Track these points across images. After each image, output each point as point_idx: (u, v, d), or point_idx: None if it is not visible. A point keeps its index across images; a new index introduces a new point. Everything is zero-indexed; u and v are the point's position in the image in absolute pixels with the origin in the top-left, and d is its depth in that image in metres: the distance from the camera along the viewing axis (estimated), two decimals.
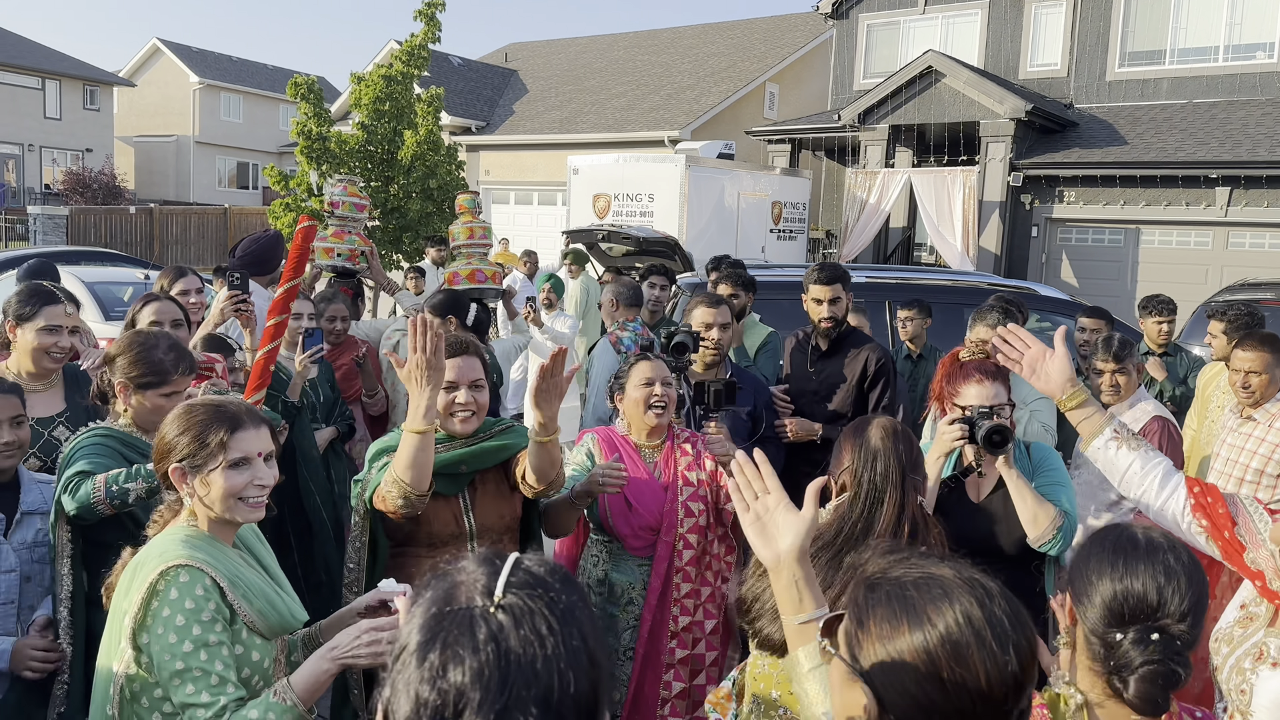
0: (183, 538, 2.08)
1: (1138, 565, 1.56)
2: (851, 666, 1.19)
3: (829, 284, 4.31)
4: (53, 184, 34.30)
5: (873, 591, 1.22)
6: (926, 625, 1.14)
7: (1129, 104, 15.51)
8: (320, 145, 15.22)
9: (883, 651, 1.16)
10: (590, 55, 28.53)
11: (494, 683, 0.91)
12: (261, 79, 43.05)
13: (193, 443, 2.13)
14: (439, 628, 0.95)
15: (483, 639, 0.93)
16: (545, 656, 0.93)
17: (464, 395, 2.90)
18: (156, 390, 2.85)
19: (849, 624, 1.22)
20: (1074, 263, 15.01)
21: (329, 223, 5.66)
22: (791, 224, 15.01)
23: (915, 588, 1.18)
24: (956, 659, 1.12)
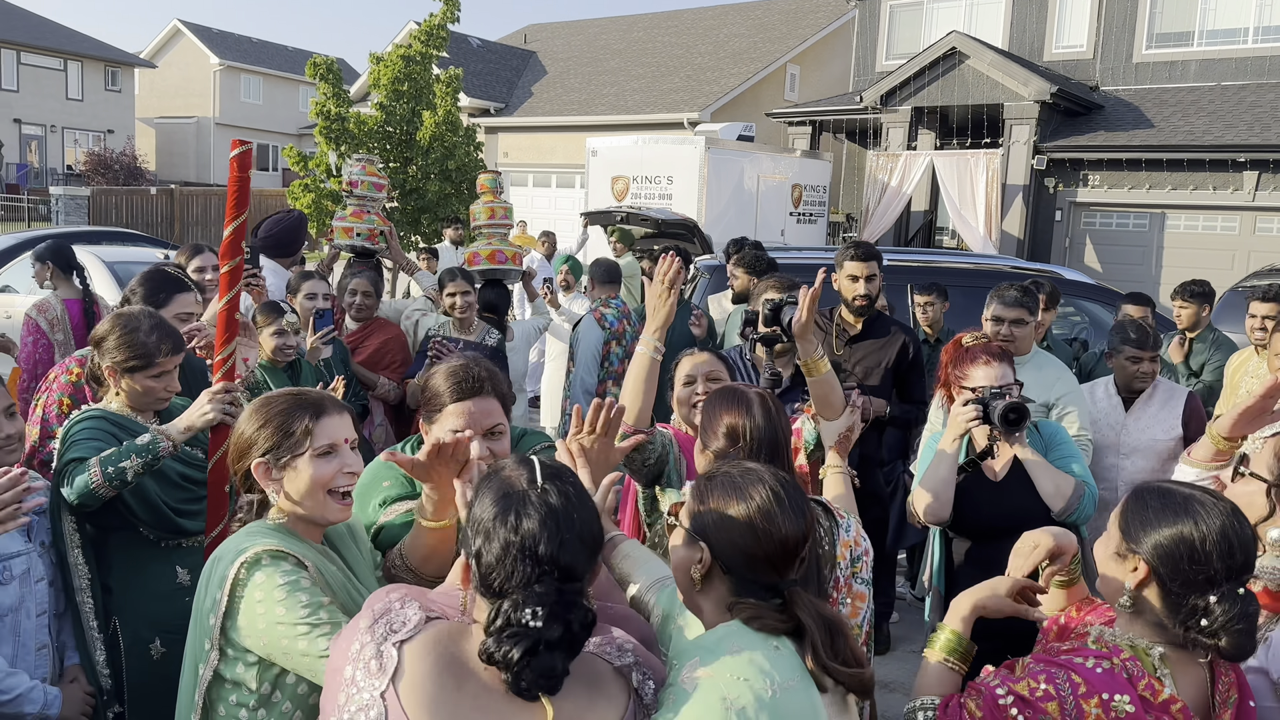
0: (265, 531, 1.98)
1: (1212, 525, 1.69)
2: (691, 530, 1.69)
3: (865, 260, 4.28)
4: (75, 165, 34.52)
5: (710, 480, 1.73)
6: (748, 499, 1.65)
7: (1156, 86, 15.29)
8: (339, 126, 15.21)
9: (717, 517, 1.65)
10: (610, 36, 28.38)
11: (550, 527, 1.45)
12: (281, 60, 43.10)
13: (276, 434, 2.01)
14: (508, 502, 1.48)
15: (537, 504, 1.47)
16: (575, 513, 1.49)
17: (477, 448, 2.20)
18: (144, 373, 2.77)
19: (691, 503, 1.72)
20: (1098, 247, 14.84)
21: (347, 203, 5.66)
22: (811, 207, 14.90)
23: (740, 475, 1.71)
24: (767, 519, 1.62)
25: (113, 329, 2.79)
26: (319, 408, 2.05)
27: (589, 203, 13.07)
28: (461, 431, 2.18)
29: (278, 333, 3.97)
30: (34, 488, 2.41)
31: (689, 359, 3.08)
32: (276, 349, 3.99)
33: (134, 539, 2.74)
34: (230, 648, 1.91)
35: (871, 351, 4.36)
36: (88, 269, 8.78)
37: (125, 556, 2.73)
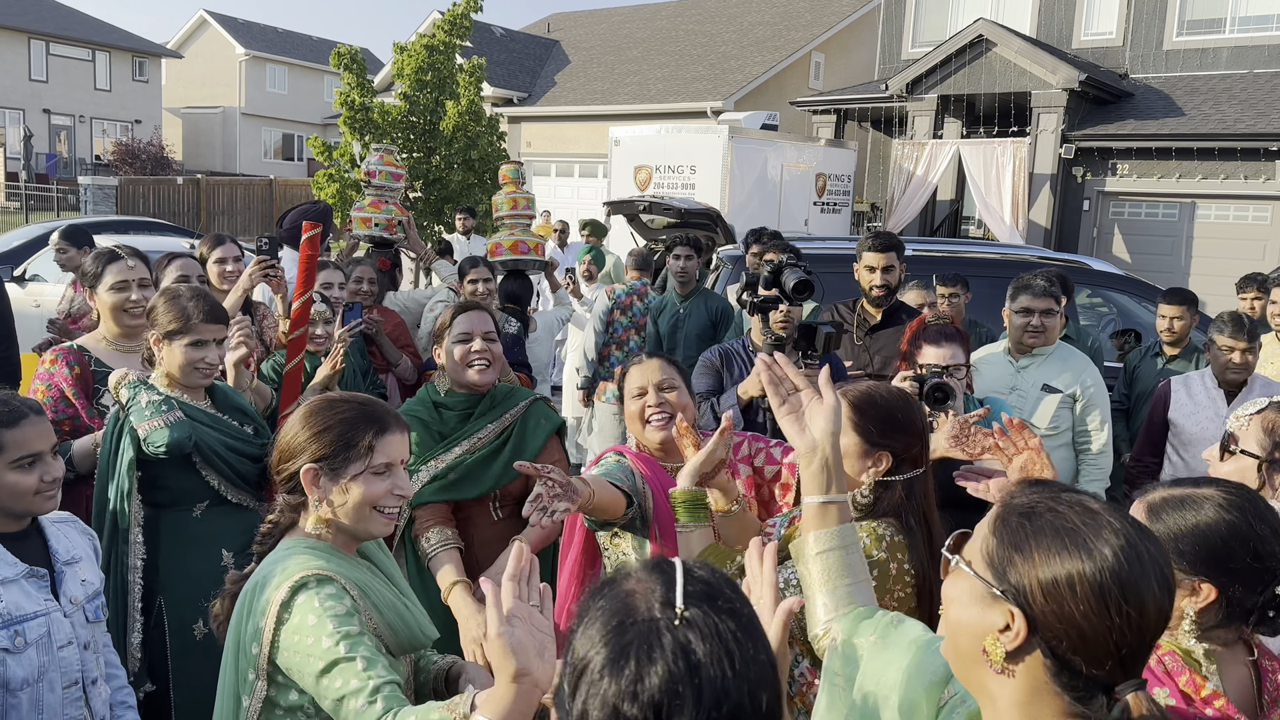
0: (302, 550, 1.90)
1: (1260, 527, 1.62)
2: (994, 586, 1.21)
3: (883, 251, 4.25)
4: (103, 155, 34.85)
5: (1030, 519, 1.22)
6: (1096, 554, 1.16)
7: (1187, 74, 15.05)
8: (363, 116, 15.26)
9: (1045, 575, 1.17)
10: (633, 25, 28.29)
11: (688, 696, 0.93)
12: (306, 50, 43.30)
13: (336, 442, 1.92)
14: (625, 640, 0.97)
15: (671, 652, 0.95)
16: (734, 672, 0.96)
17: (479, 344, 3.03)
18: (183, 339, 2.87)
19: (996, 547, 1.23)
20: (1126, 237, 14.66)
21: (366, 193, 5.66)
22: (836, 196, 14.80)
23: (1077, 517, 1.20)
24: (1124, 591, 1.14)
25: (158, 300, 2.96)
26: (384, 423, 1.97)
27: (611, 192, 13.03)
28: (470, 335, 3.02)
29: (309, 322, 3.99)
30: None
31: (636, 368, 2.79)
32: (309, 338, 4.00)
33: (185, 520, 2.86)
34: (280, 675, 1.83)
35: (890, 341, 4.32)
36: None
37: (174, 538, 2.85)
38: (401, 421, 2.03)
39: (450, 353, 3.06)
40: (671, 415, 2.67)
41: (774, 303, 3.51)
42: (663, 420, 2.68)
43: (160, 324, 2.89)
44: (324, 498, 1.93)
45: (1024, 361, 4.14)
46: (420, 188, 15.59)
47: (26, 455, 2.19)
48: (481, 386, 3.07)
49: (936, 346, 3.22)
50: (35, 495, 2.22)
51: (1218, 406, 4.28)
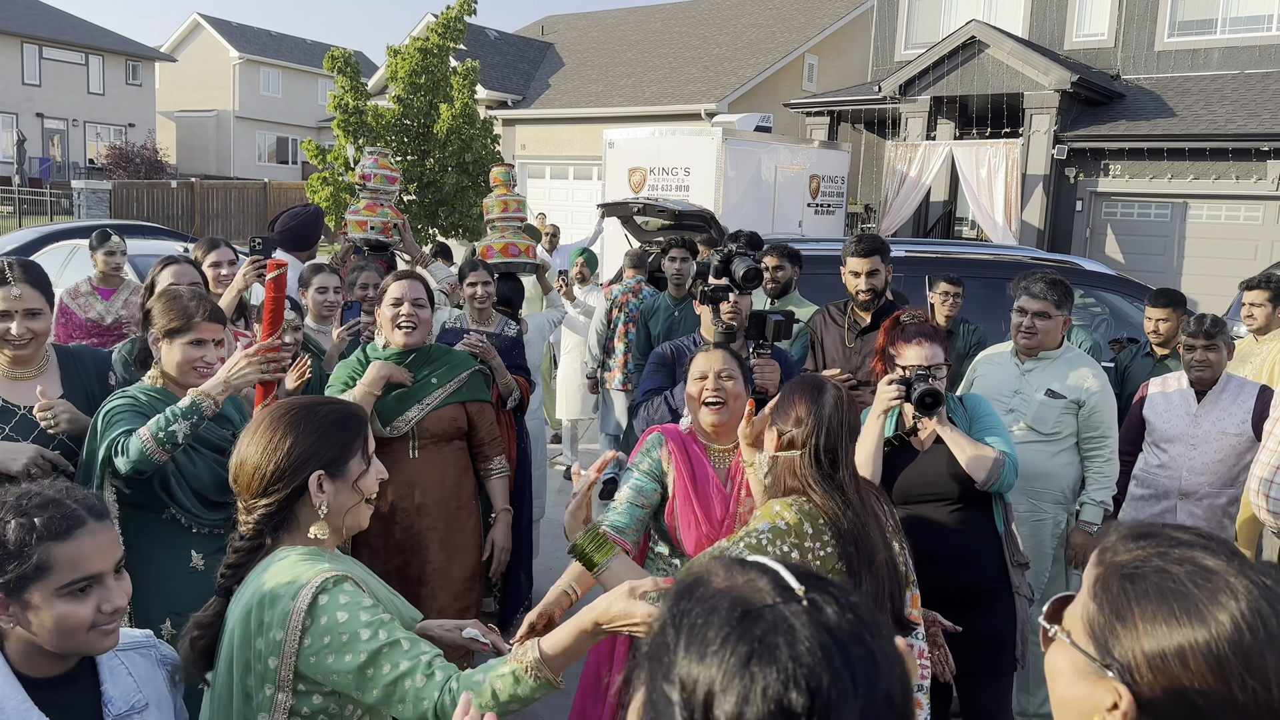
0: (298, 558, 1.85)
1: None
2: (1098, 660, 1.09)
3: (866, 256, 4.26)
4: (96, 159, 34.80)
5: (1133, 582, 1.09)
6: (1212, 622, 1.02)
7: (1178, 75, 15.11)
8: (357, 119, 15.27)
9: (1152, 646, 1.04)
10: (627, 27, 28.32)
11: (844, 673, 0.84)
12: (300, 54, 43.28)
13: (336, 445, 1.90)
14: (758, 632, 0.86)
15: (814, 631, 0.86)
16: (876, 649, 0.87)
17: (407, 309, 3.49)
18: (183, 337, 2.86)
19: (1097, 614, 1.11)
20: (1119, 237, 14.70)
21: (361, 196, 5.67)
22: (830, 198, 14.82)
23: (1190, 579, 1.06)
24: (1248, 664, 1.00)
25: (158, 299, 2.98)
26: (362, 417, 2.00)
27: (606, 194, 13.04)
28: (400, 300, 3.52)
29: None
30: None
31: (702, 355, 3.01)
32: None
33: (158, 521, 2.84)
34: (304, 682, 1.80)
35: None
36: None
37: (148, 538, 2.83)
38: (365, 411, 2.24)
39: (383, 314, 3.55)
40: (726, 401, 2.90)
41: (724, 292, 3.57)
42: (718, 405, 2.90)
43: (159, 323, 2.89)
44: (329, 501, 1.88)
45: (1029, 364, 4.13)
46: (414, 191, 15.59)
47: (80, 579, 1.69)
48: (408, 347, 3.55)
49: (917, 346, 3.18)
50: (90, 631, 1.70)
51: (1188, 405, 4.39)
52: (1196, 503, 4.39)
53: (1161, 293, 5.43)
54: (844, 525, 2.27)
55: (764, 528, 2.29)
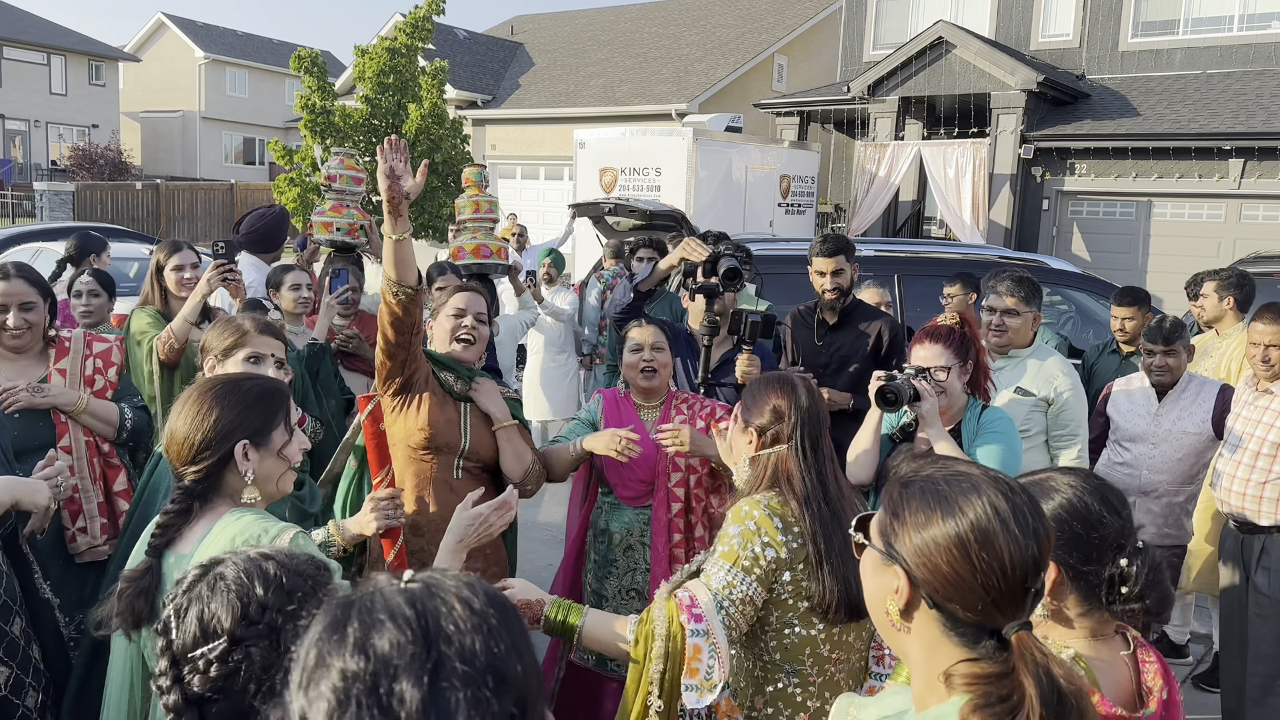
0: (254, 517, 1.97)
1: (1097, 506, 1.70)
2: (885, 553, 1.34)
3: (831, 256, 4.29)
4: (59, 160, 34.28)
5: (907, 487, 1.35)
6: (958, 514, 1.28)
7: (1141, 75, 15.30)
8: (325, 119, 15.15)
9: (918, 539, 1.30)
10: (596, 27, 28.29)
11: (419, 642, 0.88)
12: (267, 54, 42.85)
13: (262, 415, 2.03)
14: (347, 611, 0.92)
15: (397, 604, 0.90)
16: (467, 623, 0.91)
17: (470, 321, 3.29)
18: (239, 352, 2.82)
19: (883, 517, 1.36)
20: (1085, 236, 14.87)
21: (327, 197, 5.61)
22: (800, 197, 14.88)
23: (946, 483, 1.32)
24: (984, 543, 1.26)
25: (213, 326, 2.97)
26: (284, 390, 2.13)
27: (577, 195, 13.02)
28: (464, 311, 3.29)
29: None
30: None
31: (637, 329, 3.52)
32: None
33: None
34: None
35: (848, 340, 4.39)
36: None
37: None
38: (285, 385, 2.22)
39: (441, 326, 3.34)
40: (657, 369, 3.49)
41: (712, 289, 3.86)
42: (650, 373, 3.49)
43: (214, 346, 2.84)
44: (255, 469, 2.01)
45: (1000, 363, 4.15)
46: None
47: None
48: (465, 362, 3.31)
49: (920, 346, 3.28)
50: None
51: (1149, 405, 4.47)
52: (1155, 500, 4.44)
53: (1127, 291, 5.49)
54: (817, 510, 2.34)
55: (734, 532, 2.34)
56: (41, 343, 3.40)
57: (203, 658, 1.41)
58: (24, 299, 3.30)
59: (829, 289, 4.33)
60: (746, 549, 2.30)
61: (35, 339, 3.36)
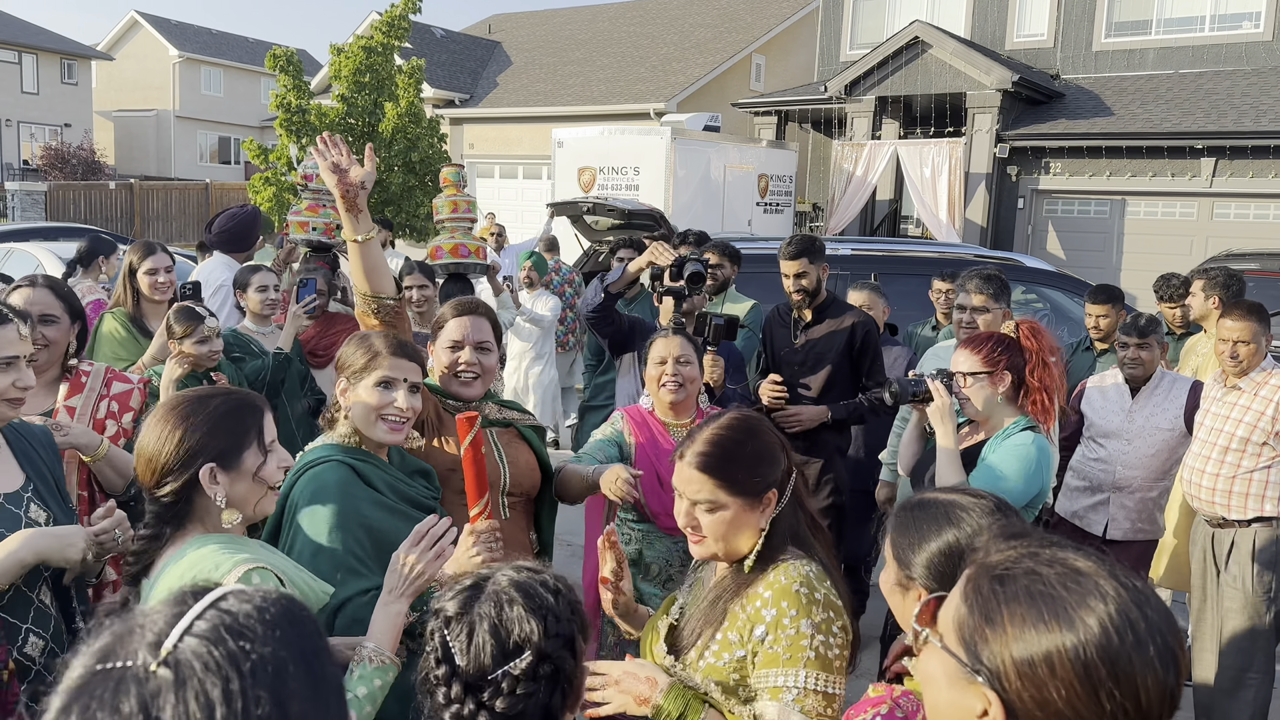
0: (215, 546, 1.83)
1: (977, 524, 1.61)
2: (968, 665, 1.06)
3: (794, 259, 4.37)
4: (31, 159, 33.88)
5: (1003, 584, 1.06)
6: (1080, 627, 1.00)
7: (1115, 75, 15.45)
8: (300, 118, 15.06)
9: (1020, 654, 1.01)
10: (574, 26, 28.26)
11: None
12: (242, 52, 42.52)
13: (228, 436, 1.87)
14: (82, 693, 0.73)
15: (128, 710, 0.71)
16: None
17: (468, 355, 2.80)
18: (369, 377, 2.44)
19: (967, 617, 1.07)
20: (1060, 234, 15.01)
21: (303, 197, 5.57)
22: (778, 196, 14.93)
23: (1060, 583, 1.04)
24: (1115, 670, 0.98)
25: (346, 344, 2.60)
26: (258, 406, 1.96)
27: (555, 194, 13.01)
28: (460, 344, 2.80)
29: (201, 340, 3.68)
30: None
31: (661, 340, 3.25)
32: (204, 356, 3.71)
33: None
34: None
35: (823, 337, 4.47)
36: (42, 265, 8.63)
37: None
38: (264, 400, 2.02)
39: (438, 358, 2.88)
40: (683, 383, 3.18)
41: (677, 292, 3.89)
42: (675, 387, 3.18)
43: (350, 365, 2.47)
44: (226, 493, 1.88)
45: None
46: None
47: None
48: (466, 400, 2.87)
49: (957, 350, 3.20)
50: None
51: (1123, 401, 4.52)
52: (1129, 495, 4.49)
53: (1101, 289, 5.55)
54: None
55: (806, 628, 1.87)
56: (58, 369, 3.01)
57: (506, 676, 1.35)
58: (46, 310, 2.93)
59: (794, 290, 4.43)
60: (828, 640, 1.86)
61: (51, 361, 2.98)
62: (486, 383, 2.88)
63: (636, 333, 4.18)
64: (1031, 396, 3.09)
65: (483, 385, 2.86)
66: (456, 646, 1.37)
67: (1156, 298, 5.99)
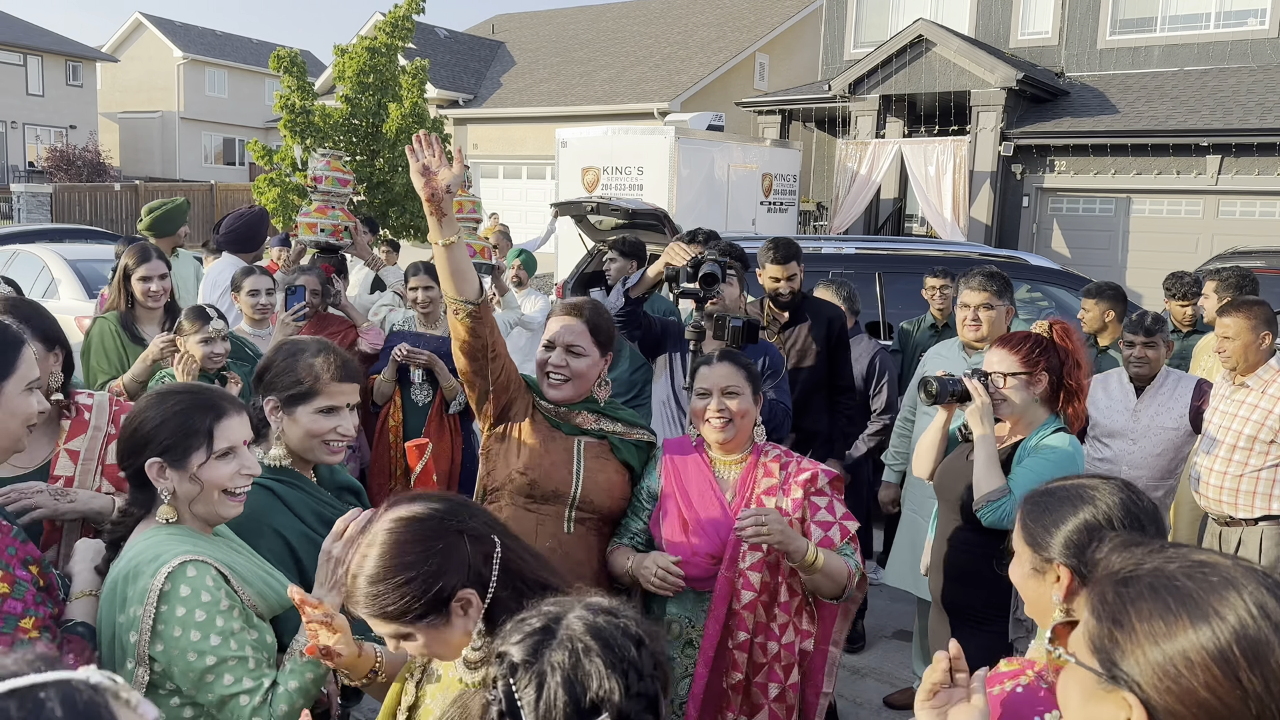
0: (166, 536, 1.90)
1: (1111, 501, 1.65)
2: (1107, 674, 1.03)
3: (783, 264, 4.45)
4: (36, 161, 33.97)
5: (1128, 585, 1.03)
6: (1214, 619, 0.97)
7: (1120, 72, 15.42)
8: (304, 119, 15.08)
9: (1157, 654, 0.98)
10: (578, 26, 28.26)
11: None
12: (247, 53, 42.58)
13: (174, 434, 1.92)
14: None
15: None
16: None
17: (557, 356, 2.78)
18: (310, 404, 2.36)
19: (1097, 626, 1.05)
20: (1065, 232, 14.98)
21: (312, 198, 5.59)
22: (782, 196, 14.92)
23: (1188, 576, 1.01)
24: (1255, 658, 0.95)
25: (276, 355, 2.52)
26: (219, 409, 1.97)
27: (559, 194, 13.01)
28: (552, 344, 2.78)
29: (205, 340, 3.73)
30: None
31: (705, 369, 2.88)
32: (206, 356, 3.74)
33: None
34: (158, 663, 1.84)
35: (804, 334, 4.56)
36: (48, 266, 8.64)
37: None
38: (238, 403, 2.02)
39: (538, 354, 2.88)
40: (731, 419, 2.79)
41: (693, 294, 3.79)
42: (723, 423, 2.79)
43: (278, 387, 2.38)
44: (172, 488, 1.93)
45: (975, 358, 4.21)
46: (364, 191, 15.43)
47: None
48: (554, 401, 2.83)
49: (992, 350, 3.14)
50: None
51: (1128, 400, 4.50)
52: None
53: (1095, 286, 5.61)
54: None
55: None
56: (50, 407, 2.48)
57: None
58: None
59: (783, 291, 4.51)
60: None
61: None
62: (578, 388, 2.80)
63: (669, 335, 4.11)
64: (1069, 399, 3.07)
65: (573, 389, 2.79)
66: (524, 700, 1.21)
67: (1166, 295, 5.98)
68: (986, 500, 2.93)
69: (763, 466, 2.84)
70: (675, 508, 2.80)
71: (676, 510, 2.80)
